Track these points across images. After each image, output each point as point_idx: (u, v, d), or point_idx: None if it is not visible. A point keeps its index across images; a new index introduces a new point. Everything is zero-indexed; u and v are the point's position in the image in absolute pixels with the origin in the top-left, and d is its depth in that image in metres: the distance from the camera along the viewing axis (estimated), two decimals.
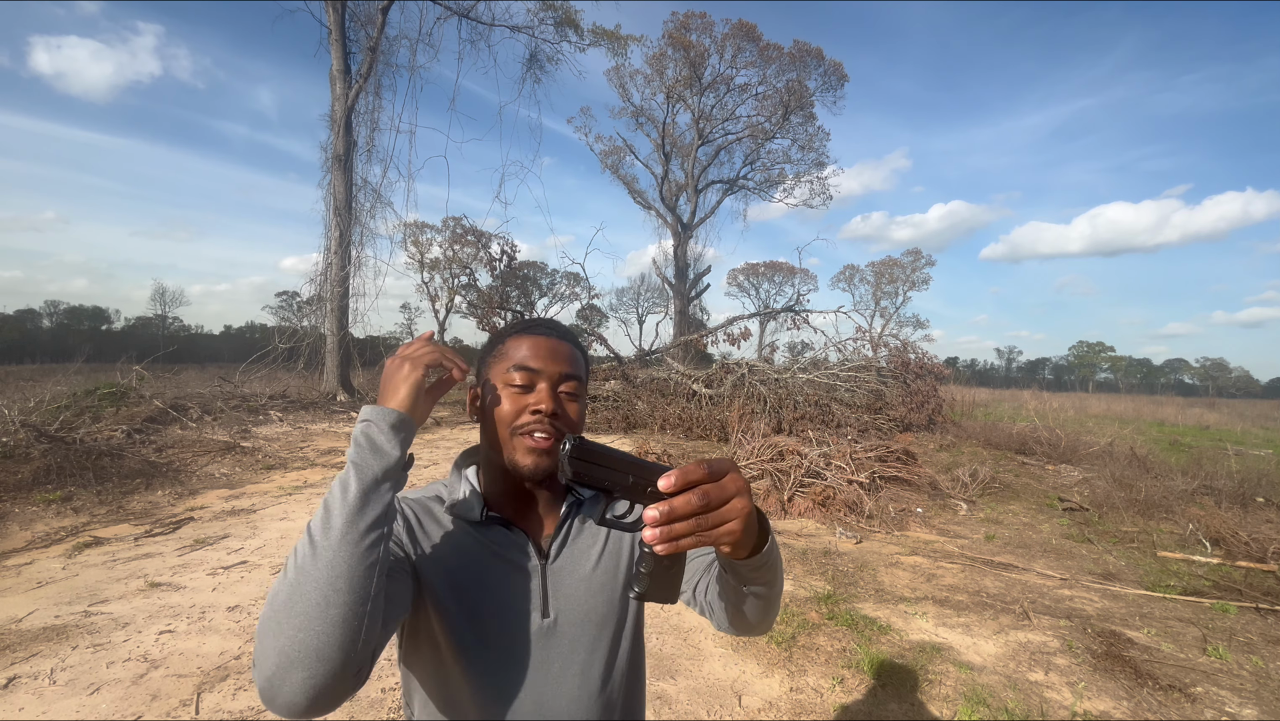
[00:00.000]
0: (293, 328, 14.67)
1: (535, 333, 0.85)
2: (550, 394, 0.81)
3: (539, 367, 0.82)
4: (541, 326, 0.87)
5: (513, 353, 0.84)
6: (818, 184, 29.98)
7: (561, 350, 0.84)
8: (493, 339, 0.90)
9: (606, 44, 19.75)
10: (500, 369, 0.84)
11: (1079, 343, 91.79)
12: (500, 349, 0.86)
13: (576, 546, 0.87)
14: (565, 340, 0.86)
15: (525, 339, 0.84)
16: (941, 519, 5.85)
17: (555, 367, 0.82)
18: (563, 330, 0.88)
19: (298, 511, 5.21)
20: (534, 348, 0.83)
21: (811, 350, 15.55)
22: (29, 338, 44.52)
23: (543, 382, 0.81)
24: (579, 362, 0.87)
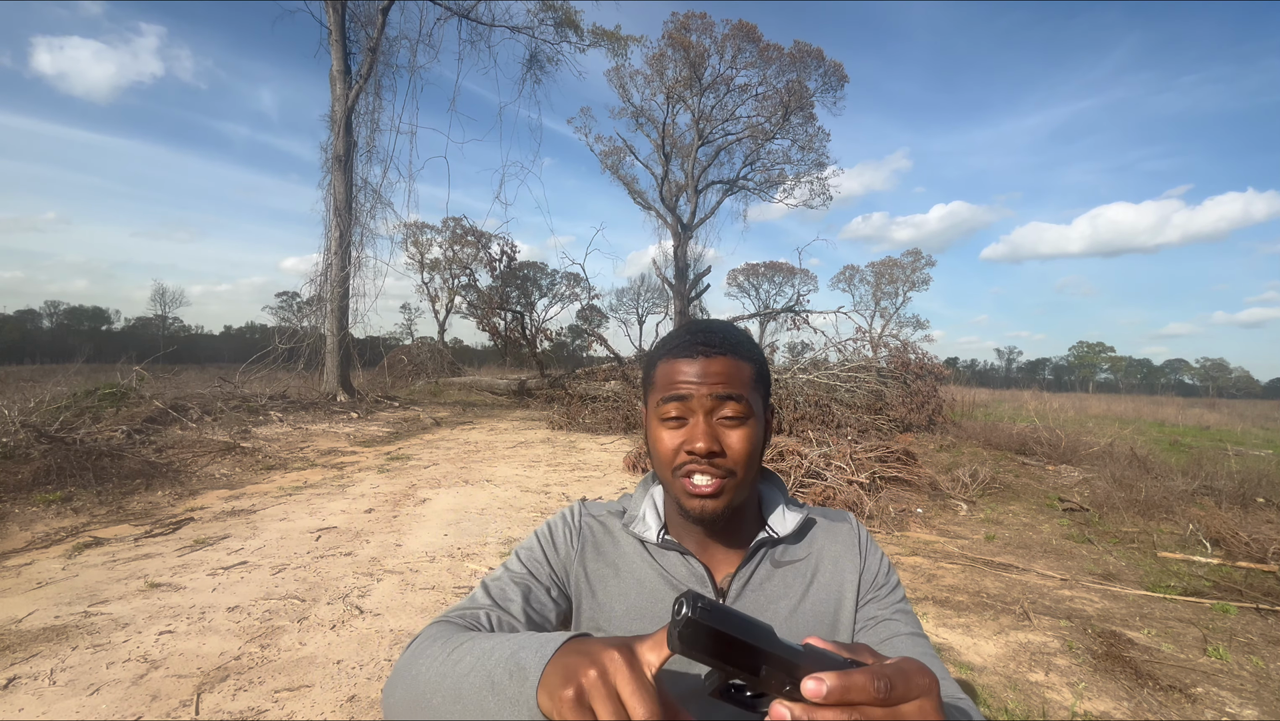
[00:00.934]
0: (293, 328, 14.66)
1: (682, 354, 0.73)
2: (706, 428, 0.70)
3: (687, 393, 0.71)
4: (688, 345, 0.73)
5: (661, 381, 0.74)
6: (818, 184, 30.00)
7: (714, 369, 0.71)
8: (648, 359, 0.80)
9: (606, 44, 19.76)
10: (654, 400, 0.75)
11: (1079, 343, 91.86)
12: (652, 375, 0.77)
13: (763, 592, 0.76)
14: (719, 352, 0.73)
15: (673, 363, 0.73)
16: (941, 519, 5.85)
17: (707, 391, 0.71)
18: (716, 341, 0.74)
19: (298, 511, 5.21)
20: (682, 371, 0.72)
21: (811, 350, 15.57)
22: (29, 338, 44.53)
23: (697, 414, 0.71)
24: (740, 377, 0.72)
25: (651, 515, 0.81)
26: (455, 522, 5.05)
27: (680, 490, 0.72)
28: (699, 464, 0.70)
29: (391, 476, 6.78)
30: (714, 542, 0.79)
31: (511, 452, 8.77)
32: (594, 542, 0.81)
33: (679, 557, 0.78)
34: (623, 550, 0.81)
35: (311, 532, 4.62)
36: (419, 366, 22.04)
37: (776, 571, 0.79)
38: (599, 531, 0.82)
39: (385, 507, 5.44)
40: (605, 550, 0.81)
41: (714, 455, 0.70)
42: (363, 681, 2.58)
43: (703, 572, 0.77)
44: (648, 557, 0.79)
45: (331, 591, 3.53)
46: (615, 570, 0.80)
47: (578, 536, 0.82)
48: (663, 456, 0.73)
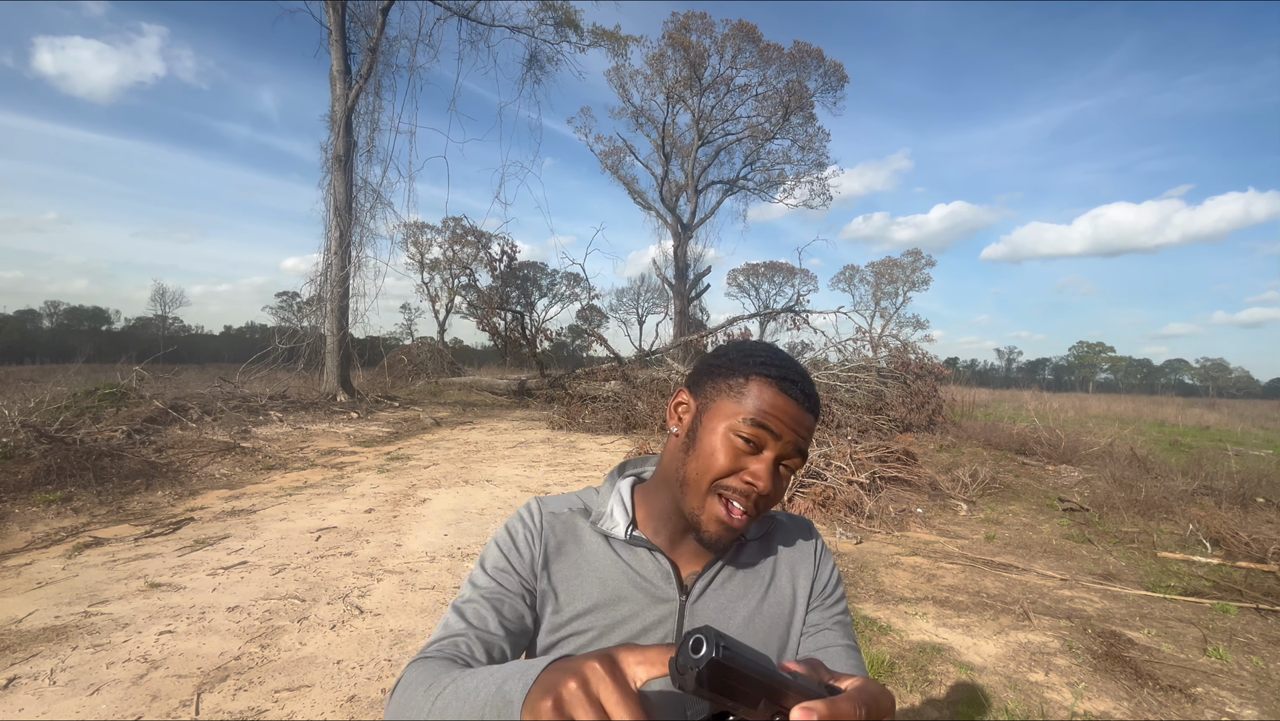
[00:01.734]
0: (293, 328, 14.67)
1: (789, 392, 0.72)
2: (771, 470, 0.70)
3: (779, 432, 0.70)
4: (795, 385, 0.73)
5: (754, 399, 0.72)
6: (818, 184, 30.02)
7: (805, 424, 0.72)
8: (730, 360, 0.76)
9: (606, 44, 19.77)
10: (731, 408, 0.72)
11: (1079, 343, 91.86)
12: (743, 385, 0.73)
13: (724, 592, 0.79)
14: (812, 410, 0.74)
15: (775, 390, 0.72)
16: (941, 519, 5.85)
17: (792, 439, 0.71)
18: (814, 395, 0.75)
19: (298, 511, 5.21)
20: (782, 411, 0.71)
21: (811, 350, 15.57)
22: (29, 338, 44.56)
23: (771, 452, 0.71)
24: (811, 435, 0.75)
25: (619, 511, 0.81)
26: (455, 522, 5.05)
27: (711, 507, 0.71)
28: (748, 498, 0.70)
29: (391, 476, 6.78)
30: (683, 541, 0.80)
31: (511, 453, 8.77)
32: (556, 542, 0.80)
33: (647, 555, 0.79)
34: (585, 548, 0.80)
35: (311, 532, 4.62)
36: (419, 366, 22.04)
37: (738, 573, 0.81)
38: (560, 530, 0.81)
39: (385, 508, 5.44)
40: (567, 549, 0.80)
41: (766, 497, 0.71)
42: (363, 681, 2.58)
43: (669, 570, 0.78)
44: (612, 554, 0.79)
45: (331, 591, 3.53)
46: (577, 569, 0.79)
47: (539, 538, 0.80)
48: (714, 466, 0.71)
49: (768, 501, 0.72)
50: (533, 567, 0.79)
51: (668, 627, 0.76)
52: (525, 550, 0.79)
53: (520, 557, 0.79)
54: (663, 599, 0.77)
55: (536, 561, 0.79)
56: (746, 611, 0.79)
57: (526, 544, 0.80)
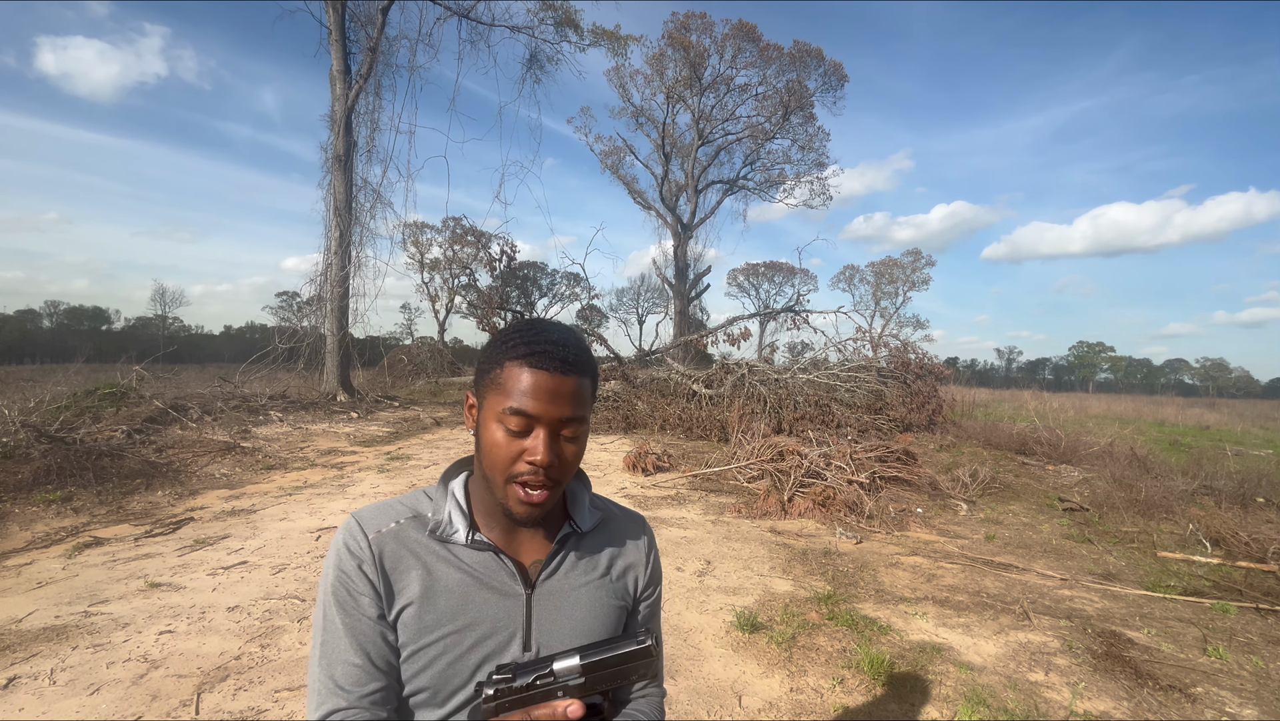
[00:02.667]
0: (293, 328, 14.66)
1: (537, 365, 0.73)
2: (547, 445, 0.73)
3: (537, 413, 0.72)
4: (543, 357, 0.73)
5: (510, 387, 0.73)
6: (818, 184, 30.02)
7: (564, 390, 0.73)
8: (491, 353, 0.78)
9: (606, 44, 19.75)
10: (496, 402, 0.74)
11: (1079, 343, 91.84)
12: (498, 375, 0.75)
13: (566, 581, 0.83)
14: (571, 372, 0.74)
15: (526, 372, 0.73)
16: (941, 519, 5.85)
17: (555, 412, 0.73)
18: (570, 357, 0.75)
19: (298, 511, 5.21)
20: (534, 388, 0.72)
21: (811, 350, 15.56)
22: (29, 338, 44.54)
23: (540, 429, 0.73)
24: (583, 398, 0.76)
25: (458, 516, 0.81)
26: None
27: (512, 495, 0.75)
28: (536, 475, 0.73)
29: (391, 476, 6.78)
30: (521, 534, 0.83)
31: None
32: (392, 562, 0.77)
33: (491, 557, 0.80)
34: (422, 560, 0.78)
35: (311, 532, 4.62)
36: (419, 366, 22.04)
37: (579, 562, 0.85)
38: (392, 547, 0.78)
39: None
40: (405, 566, 0.77)
41: (551, 467, 0.73)
42: None
43: (513, 568, 0.80)
44: (454, 561, 0.79)
45: None
46: (421, 584, 0.77)
47: (375, 566, 0.76)
48: (498, 460, 0.74)
49: (560, 469, 0.75)
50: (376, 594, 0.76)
51: (516, 622, 0.78)
52: (364, 584, 0.76)
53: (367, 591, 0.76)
54: (509, 594, 0.79)
55: (379, 587, 0.76)
56: (588, 598, 0.84)
57: (363, 578, 0.76)
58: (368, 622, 0.75)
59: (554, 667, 0.62)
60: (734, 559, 4.46)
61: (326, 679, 0.73)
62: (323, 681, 0.73)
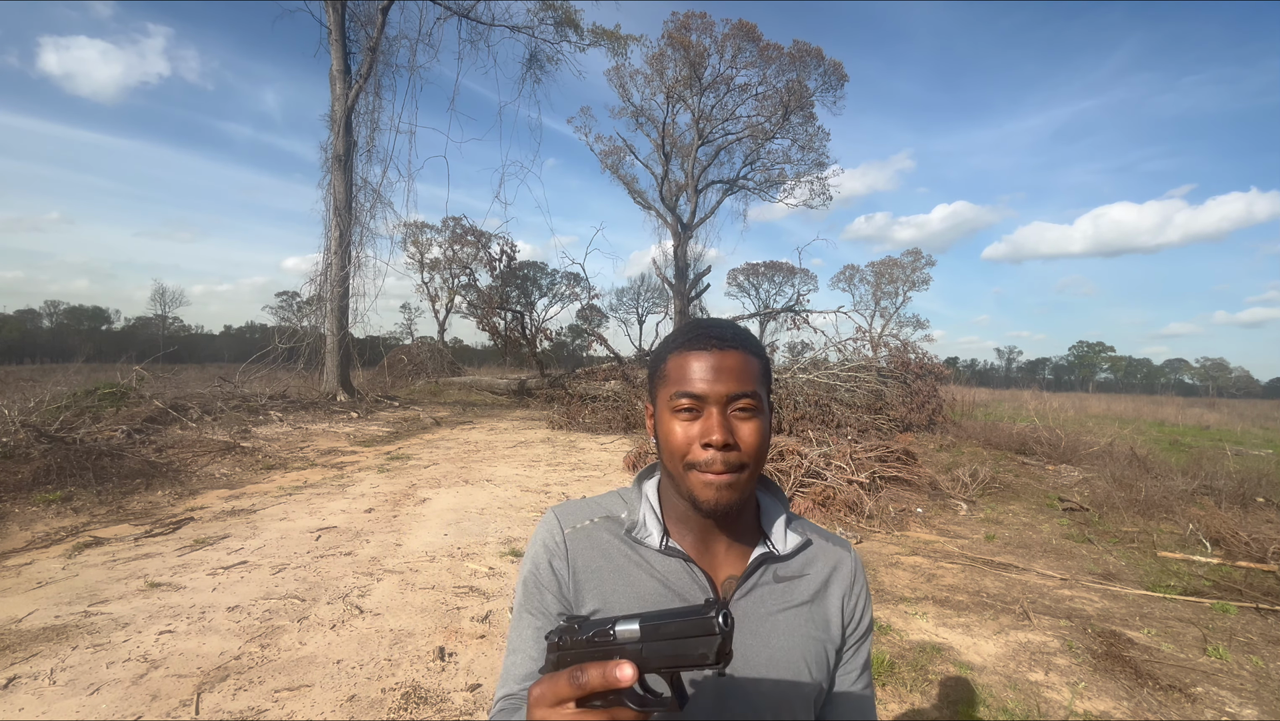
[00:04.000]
0: (293, 328, 14.67)
1: (696, 347, 0.74)
2: (721, 421, 0.71)
3: (703, 392, 0.72)
4: (701, 338, 0.75)
5: (674, 375, 0.75)
6: (818, 184, 29.97)
7: (727, 365, 0.73)
8: (656, 354, 0.81)
9: (606, 44, 19.75)
10: (665, 394, 0.75)
11: (1079, 343, 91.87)
12: (663, 369, 0.77)
13: (763, 604, 0.77)
14: (731, 348, 0.74)
15: (686, 357, 0.74)
16: (941, 519, 5.85)
17: (722, 388, 0.72)
18: (728, 335, 0.76)
19: (298, 511, 5.21)
20: (697, 368, 0.73)
21: (811, 350, 15.57)
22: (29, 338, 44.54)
23: (711, 408, 0.72)
24: (752, 373, 0.74)
25: (652, 520, 0.79)
26: (455, 522, 5.05)
27: (695, 482, 0.72)
28: (714, 461, 0.70)
29: (391, 476, 6.78)
30: (714, 541, 0.79)
31: (511, 452, 8.77)
32: (584, 561, 0.78)
33: (681, 565, 0.77)
34: (615, 563, 0.78)
35: (311, 532, 4.62)
36: (419, 366, 22.04)
37: (777, 586, 0.79)
38: (585, 547, 0.79)
39: (385, 507, 5.44)
40: (597, 566, 0.78)
41: (729, 447, 0.70)
42: (363, 681, 2.58)
43: (705, 582, 0.76)
44: (645, 568, 0.77)
45: (331, 591, 3.53)
46: (613, 587, 0.77)
47: (565, 561, 0.78)
48: (676, 448, 0.73)
49: (741, 452, 0.72)
50: (563, 593, 0.77)
51: None
52: (550, 579, 0.78)
53: (553, 587, 0.78)
54: None
55: (566, 586, 0.77)
56: (786, 626, 0.77)
57: (551, 573, 0.78)
58: (547, 618, 0.77)
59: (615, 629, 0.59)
60: None
61: (508, 665, 0.78)
62: (505, 667, 0.78)
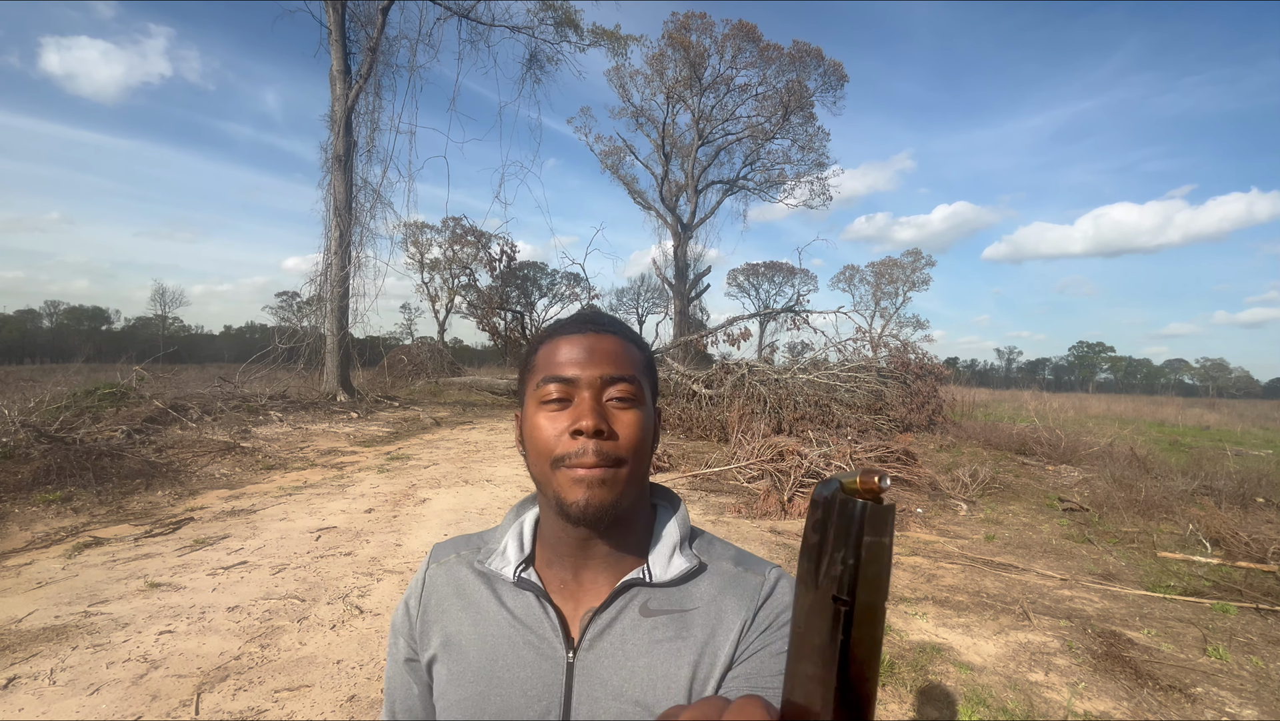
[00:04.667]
0: (293, 328, 14.68)
1: (567, 330, 0.67)
2: (594, 406, 0.61)
3: (574, 375, 0.63)
4: (574, 323, 0.68)
5: (543, 362, 0.66)
6: (818, 184, 30.03)
7: (602, 346, 0.65)
8: (527, 349, 0.71)
9: (606, 44, 19.75)
10: (533, 384, 0.66)
11: (1079, 343, 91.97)
12: (532, 361, 0.68)
13: (629, 639, 0.63)
14: (608, 331, 0.67)
15: (557, 342, 0.66)
16: (941, 519, 5.85)
17: (596, 371, 0.63)
18: (605, 321, 0.69)
19: (298, 511, 5.21)
20: (567, 350, 0.65)
21: (811, 350, 15.58)
22: (29, 338, 44.55)
23: (583, 392, 0.62)
24: (630, 358, 0.66)
25: (514, 546, 0.69)
26: (455, 522, 5.05)
27: (563, 481, 0.61)
28: (584, 454, 0.60)
29: (391, 476, 6.78)
30: (586, 566, 0.66)
31: (511, 452, 8.77)
32: (437, 600, 0.70)
33: (534, 601, 0.66)
34: (468, 599, 0.68)
35: (311, 532, 4.62)
36: (419, 366, 22.04)
37: (648, 621, 0.63)
38: (442, 583, 0.70)
39: (385, 507, 5.44)
40: (447, 605, 0.69)
41: (602, 435, 0.60)
42: (363, 681, 2.58)
43: (555, 622, 0.64)
44: (495, 603, 0.67)
45: (331, 591, 3.53)
46: (457, 626, 0.67)
47: (419, 602, 0.71)
48: (542, 445, 0.62)
49: (621, 444, 0.61)
50: (411, 635, 0.70)
51: (554, 693, 0.62)
52: (403, 622, 0.71)
53: (404, 631, 0.71)
54: (546, 655, 0.63)
55: (415, 628, 0.70)
56: (650, 673, 0.61)
57: (404, 615, 0.71)
58: (396, 667, 0.71)
59: None
60: None
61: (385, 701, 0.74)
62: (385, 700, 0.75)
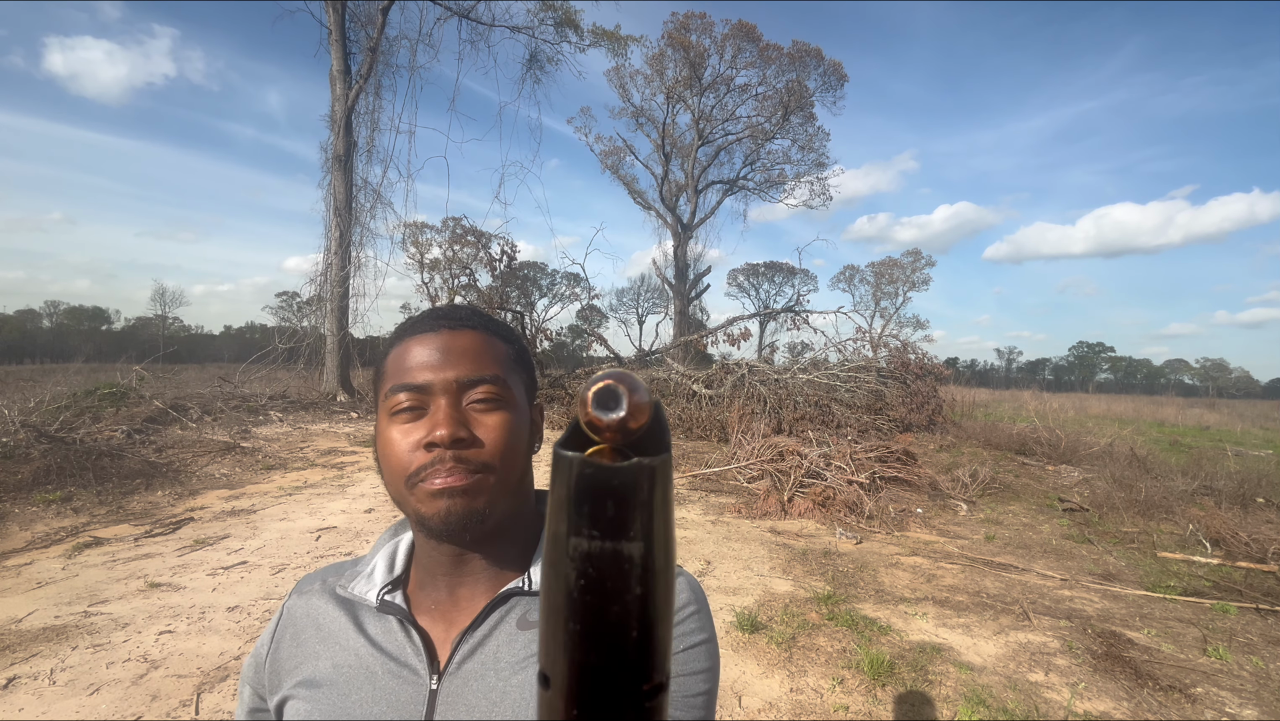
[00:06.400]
0: (293, 328, 14.69)
1: (418, 330, 0.58)
2: (451, 414, 0.54)
3: (425, 380, 0.55)
4: (427, 320, 0.59)
5: (393, 369, 0.57)
6: (818, 184, 30.04)
7: (459, 345, 0.57)
8: (382, 351, 0.62)
9: (606, 44, 19.75)
10: (383, 394, 0.57)
11: (1079, 343, 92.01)
12: (382, 367, 0.59)
13: (500, 656, 0.56)
14: (465, 326, 0.59)
15: (407, 343, 0.58)
16: (941, 519, 5.85)
17: (451, 374, 0.55)
18: (463, 315, 0.60)
19: (298, 511, 5.21)
20: (418, 353, 0.56)
21: (811, 350, 15.57)
22: (29, 338, 44.56)
23: (439, 399, 0.55)
24: (492, 355, 0.58)
25: (383, 568, 0.62)
26: None
27: (420, 496, 0.54)
28: (442, 461, 0.53)
29: None
30: (464, 586, 0.59)
31: None
32: (293, 632, 0.61)
33: (397, 625, 0.58)
34: (326, 630, 0.60)
35: (311, 532, 4.62)
36: None
37: (522, 635, 0.56)
38: (300, 615, 0.62)
39: (385, 508, 5.44)
40: (304, 637, 0.60)
41: (462, 443, 0.53)
42: None
43: (419, 646, 0.57)
44: (356, 626, 0.59)
45: None
46: (313, 661, 0.59)
47: (271, 640, 0.62)
48: (395, 461, 0.55)
49: (487, 451, 0.55)
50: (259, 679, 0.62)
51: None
52: (250, 671, 0.63)
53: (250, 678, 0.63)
54: (409, 682, 0.56)
55: (264, 675, 0.61)
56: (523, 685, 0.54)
57: (252, 662, 0.63)
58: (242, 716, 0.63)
59: None
60: (734, 559, 4.46)
61: None
62: None
